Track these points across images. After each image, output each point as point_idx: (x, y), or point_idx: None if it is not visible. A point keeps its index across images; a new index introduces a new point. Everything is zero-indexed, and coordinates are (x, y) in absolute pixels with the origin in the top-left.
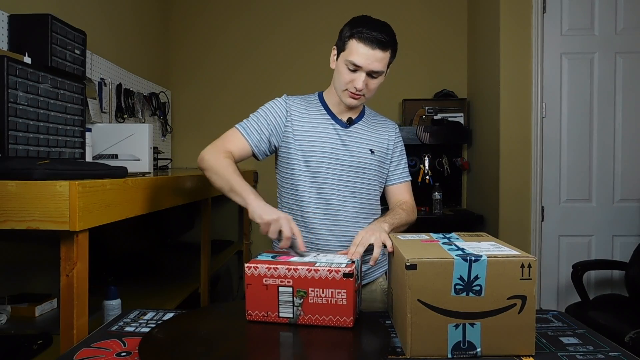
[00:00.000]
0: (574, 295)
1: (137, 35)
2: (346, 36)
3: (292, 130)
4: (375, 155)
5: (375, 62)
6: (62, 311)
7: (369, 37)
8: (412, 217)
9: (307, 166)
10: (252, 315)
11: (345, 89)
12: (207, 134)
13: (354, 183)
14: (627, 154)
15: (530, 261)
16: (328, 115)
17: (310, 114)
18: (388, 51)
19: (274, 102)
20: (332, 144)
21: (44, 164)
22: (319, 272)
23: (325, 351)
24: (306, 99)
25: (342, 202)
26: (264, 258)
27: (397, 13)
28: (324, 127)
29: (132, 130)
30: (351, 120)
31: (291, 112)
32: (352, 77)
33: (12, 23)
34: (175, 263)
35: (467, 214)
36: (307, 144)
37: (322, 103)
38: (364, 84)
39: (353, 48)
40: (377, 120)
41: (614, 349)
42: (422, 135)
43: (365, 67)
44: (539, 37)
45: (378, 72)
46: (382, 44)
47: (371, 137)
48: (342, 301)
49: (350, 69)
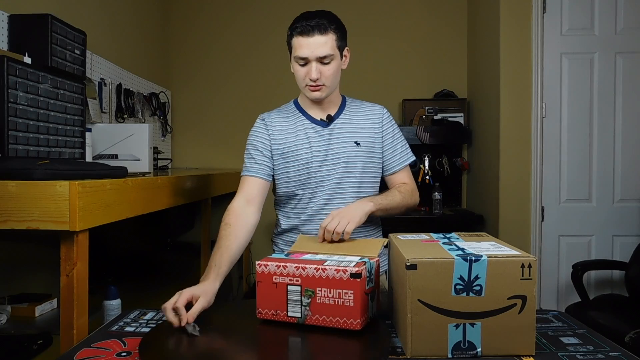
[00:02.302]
0: (574, 295)
1: (137, 35)
2: (288, 37)
3: (276, 146)
4: (362, 147)
5: (319, 47)
6: (62, 311)
7: (306, 27)
8: (409, 200)
9: (296, 173)
10: (262, 313)
11: (305, 85)
12: (207, 134)
13: (345, 179)
14: (627, 154)
15: (530, 261)
16: (306, 118)
17: (288, 123)
18: (329, 33)
19: (253, 130)
20: (315, 146)
21: (44, 164)
22: (326, 272)
23: (325, 351)
24: (282, 110)
25: (338, 200)
26: (278, 256)
27: (397, 13)
28: (304, 131)
29: (132, 130)
30: (331, 117)
31: (271, 130)
32: (305, 71)
33: (12, 23)
34: (175, 263)
35: (467, 214)
36: (292, 152)
37: (298, 108)
38: (317, 72)
39: (295, 44)
40: (362, 109)
41: (614, 349)
42: (422, 135)
43: (310, 56)
44: (539, 37)
45: (326, 56)
46: (319, 28)
47: (355, 128)
48: (349, 302)
49: (300, 64)
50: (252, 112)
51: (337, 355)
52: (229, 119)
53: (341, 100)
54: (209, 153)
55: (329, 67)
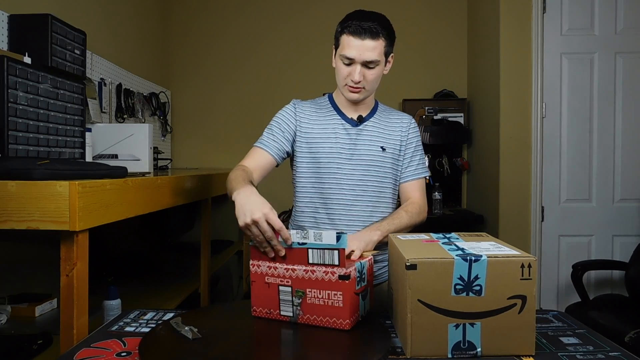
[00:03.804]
0: (574, 295)
1: (137, 35)
2: (338, 32)
3: (302, 134)
4: (387, 152)
5: (367, 51)
6: (62, 311)
7: (358, 28)
8: (416, 219)
9: (317, 167)
10: (257, 311)
11: (345, 84)
12: (207, 134)
13: (365, 181)
14: (627, 154)
15: (530, 261)
16: (338, 115)
17: (319, 116)
18: (380, 39)
19: (283, 110)
20: (342, 143)
21: (44, 164)
22: (315, 274)
23: (325, 351)
24: (316, 102)
25: (354, 201)
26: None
27: (397, 13)
28: (333, 127)
29: (132, 130)
30: (361, 118)
31: (300, 117)
32: (348, 71)
33: (12, 23)
34: (175, 263)
35: (467, 214)
36: (317, 145)
37: (331, 104)
38: (360, 75)
39: (344, 42)
40: (392, 116)
41: (614, 349)
42: (422, 135)
43: (357, 58)
44: (539, 37)
45: (373, 61)
46: (371, 33)
47: (383, 133)
48: (339, 303)
49: (345, 63)
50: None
51: (336, 355)
52: (229, 118)
53: (374, 104)
54: (209, 153)
55: (372, 71)
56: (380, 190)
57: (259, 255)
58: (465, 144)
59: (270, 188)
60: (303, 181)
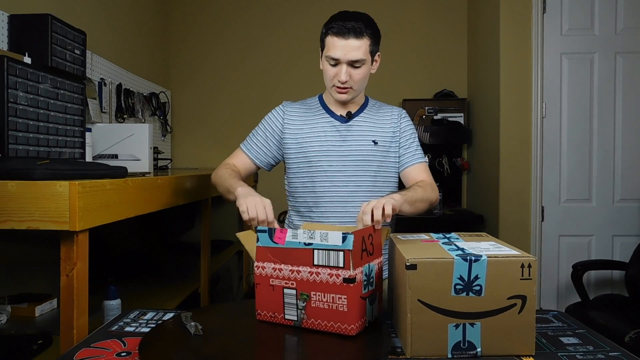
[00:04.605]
0: (574, 295)
1: (137, 35)
2: (323, 34)
3: (290, 135)
4: (379, 145)
5: (352, 51)
6: (62, 311)
7: (341, 29)
8: (430, 195)
9: (309, 166)
10: (261, 315)
11: (332, 85)
12: (207, 134)
13: (359, 177)
14: (627, 154)
15: (530, 261)
16: (327, 113)
17: (308, 116)
18: (364, 38)
19: (270, 113)
20: (332, 140)
21: (44, 164)
22: (320, 276)
23: (325, 351)
24: (305, 103)
25: (349, 197)
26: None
27: (397, 13)
28: (322, 125)
29: (132, 130)
30: (350, 114)
31: (288, 118)
32: (335, 72)
33: (12, 23)
34: (175, 263)
35: (467, 214)
36: (307, 145)
37: (321, 103)
38: (346, 75)
39: (329, 43)
40: (382, 109)
41: (614, 349)
42: (422, 135)
43: (342, 58)
44: (539, 37)
45: (358, 60)
46: (355, 32)
47: (374, 127)
48: (343, 307)
49: (331, 64)
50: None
51: (335, 355)
52: (229, 118)
53: (364, 100)
54: (209, 153)
55: (358, 71)
56: (375, 185)
57: (263, 257)
58: (465, 144)
59: (270, 188)
60: (295, 182)
